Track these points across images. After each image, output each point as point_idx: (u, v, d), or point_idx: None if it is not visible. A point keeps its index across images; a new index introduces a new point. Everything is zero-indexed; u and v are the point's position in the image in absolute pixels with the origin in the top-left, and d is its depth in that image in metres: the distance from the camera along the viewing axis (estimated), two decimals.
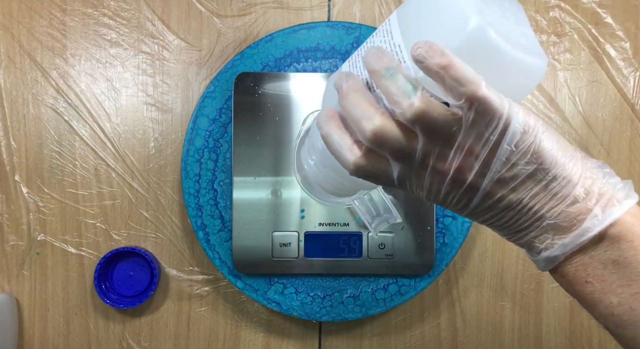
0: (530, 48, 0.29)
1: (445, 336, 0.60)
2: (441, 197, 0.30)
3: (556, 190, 0.28)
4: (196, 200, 0.56)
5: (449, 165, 0.28)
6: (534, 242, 0.30)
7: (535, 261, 0.31)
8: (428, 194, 0.30)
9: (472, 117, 0.26)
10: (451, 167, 0.28)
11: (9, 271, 0.59)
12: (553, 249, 0.29)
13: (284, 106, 0.54)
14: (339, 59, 0.57)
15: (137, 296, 0.58)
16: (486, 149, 0.27)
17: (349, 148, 0.30)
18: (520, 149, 0.27)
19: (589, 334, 0.60)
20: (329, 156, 0.34)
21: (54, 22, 0.59)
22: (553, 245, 0.29)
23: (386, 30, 0.31)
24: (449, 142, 0.28)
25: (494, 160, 0.27)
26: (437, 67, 0.26)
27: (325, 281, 0.57)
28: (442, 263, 0.56)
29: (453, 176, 0.28)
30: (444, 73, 0.26)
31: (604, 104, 0.60)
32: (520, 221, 0.29)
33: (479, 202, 0.29)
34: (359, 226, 0.54)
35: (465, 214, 0.31)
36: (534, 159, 0.27)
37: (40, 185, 0.59)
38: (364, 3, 0.60)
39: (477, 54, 0.27)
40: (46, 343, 0.60)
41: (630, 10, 0.59)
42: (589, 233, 0.28)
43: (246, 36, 0.60)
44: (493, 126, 0.27)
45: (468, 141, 0.27)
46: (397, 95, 0.27)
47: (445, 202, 0.30)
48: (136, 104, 0.60)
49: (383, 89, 0.28)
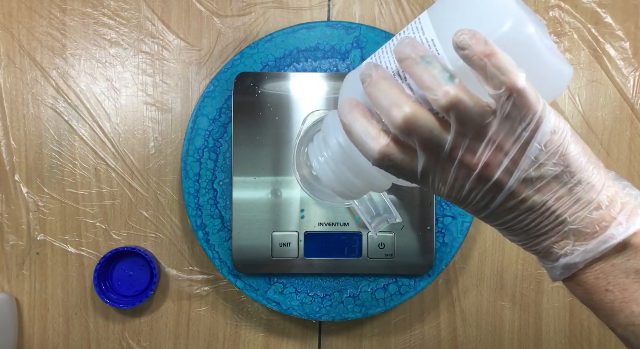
0: (559, 56, 0.30)
1: (445, 336, 0.60)
2: (464, 194, 0.29)
3: (580, 195, 0.28)
4: (196, 200, 0.56)
5: (478, 159, 0.28)
6: (553, 248, 0.29)
7: (551, 268, 0.30)
8: (450, 190, 0.29)
9: (509, 109, 0.26)
10: (480, 161, 0.28)
11: (9, 271, 0.59)
12: (574, 256, 0.28)
13: (284, 106, 0.54)
14: (339, 59, 0.57)
15: (137, 296, 0.58)
16: (517, 145, 0.27)
17: (375, 136, 0.30)
18: (549, 150, 0.27)
19: (589, 334, 0.60)
20: (343, 153, 0.34)
21: (54, 22, 0.59)
22: (574, 251, 0.28)
23: (416, 28, 0.31)
24: (480, 135, 0.27)
25: (522, 158, 0.27)
26: (481, 55, 0.26)
27: (325, 281, 0.57)
28: (442, 263, 0.56)
29: (480, 171, 0.28)
30: (486, 61, 0.26)
31: (604, 104, 0.60)
32: (542, 225, 0.29)
33: (502, 202, 0.29)
34: (359, 226, 0.54)
35: (485, 215, 0.30)
36: (562, 161, 0.27)
37: (40, 185, 0.59)
38: (364, 3, 0.60)
39: (516, 49, 0.27)
40: (46, 343, 0.60)
41: (630, 10, 0.59)
42: (613, 241, 0.27)
43: (246, 36, 0.60)
44: (527, 121, 0.27)
45: (500, 135, 0.27)
46: (433, 82, 0.27)
47: (467, 200, 0.30)
48: (136, 104, 0.60)
49: (417, 76, 0.28)
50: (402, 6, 0.59)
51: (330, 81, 0.55)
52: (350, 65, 0.57)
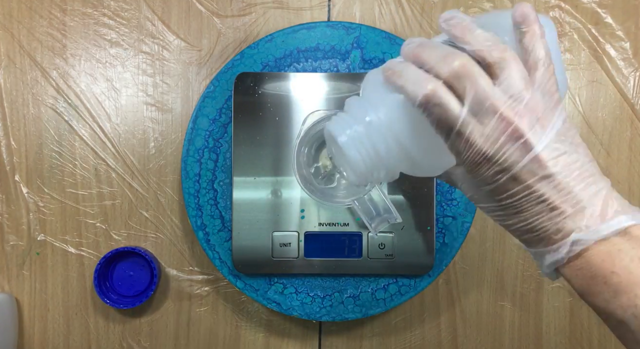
0: (563, 66, 0.36)
1: (445, 336, 0.60)
2: (494, 150, 0.30)
3: (596, 177, 0.31)
4: (196, 200, 0.56)
5: (516, 115, 0.30)
6: (566, 223, 0.30)
7: (556, 248, 0.31)
8: (484, 142, 0.30)
9: (545, 80, 0.30)
10: (515, 118, 0.30)
11: (9, 271, 0.59)
12: (589, 232, 0.30)
13: (284, 106, 0.54)
14: (339, 59, 0.57)
15: (137, 296, 0.58)
16: (548, 113, 0.30)
17: (426, 77, 0.31)
18: (568, 126, 0.31)
19: (589, 334, 0.60)
20: (391, 122, 0.33)
21: (54, 22, 0.59)
22: (589, 228, 0.30)
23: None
24: (520, 95, 0.30)
25: (550, 126, 0.30)
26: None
27: (325, 281, 0.57)
28: (442, 263, 0.56)
29: (515, 126, 0.29)
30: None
31: (604, 104, 0.60)
32: (557, 197, 0.30)
33: (525, 164, 0.30)
34: (359, 226, 0.54)
35: (504, 179, 0.30)
36: (575, 142, 0.30)
37: (40, 185, 0.59)
38: (364, 3, 0.60)
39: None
40: (46, 343, 0.60)
41: (630, 10, 0.59)
42: (626, 223, 0.29)
43: (246, 36, 0.60)
44: (554, 99, 0.31)
45: (535, 100, 0.30)
46: (489, 41, 0.30)
47: (493, 158, 0.30)
48: (136, 104, 0.60)
49: (472, 37, 0.31)
50: (402, 6, 0.59)
51: (330, 81, 0.55)
52: (350, 66, 0.57)
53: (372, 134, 0.34)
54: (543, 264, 0.32)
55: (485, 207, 0.33)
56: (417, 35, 0.59)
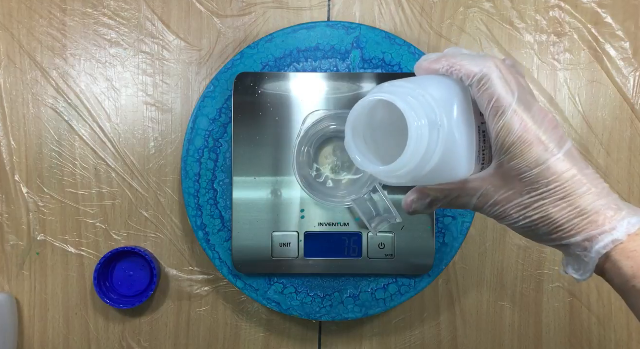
0: None
1: (445, 336, 0.60)
2: (542, 131, 0.31)
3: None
4: (196, 200, 0.56)
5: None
6: (622, 202, 0.31)
7: (611, 228, 0.31)
8: (532, 128, 0.31)
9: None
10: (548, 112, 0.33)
11: (9, 271, 0.59)
12: (633, 220, 0.31)
13: (284, 106, 0.54)
14: (339, 59, 0.57)
15: (137, 296, 0.58)
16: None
17: (482, 59, 0.32)
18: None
19: (589, 334, 0.60)
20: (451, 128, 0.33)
21: (54, 22, 0.59)
22: (635, 214, 0.31)
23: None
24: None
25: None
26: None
27: (325, 281, 0.57)
28: (442, 263, 0.56)
29: (552, 116, 0.32)
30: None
31: (604, 104, 0.60)
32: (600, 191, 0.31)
33: (570, 147, 0.32)
34: (359, 226, 0.54)
35: (551, 162, 0.31)
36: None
37: (40, 185, 0.59)
38: (364, 3, 0.60)
39: None
40: (46, 343, 0.60)
41: (630, 10, 0.59)
42: None
43: (246, 36, 0.60)
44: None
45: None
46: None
47: (543, 138, 0.31)
48: (136, 104, 0.60)
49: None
50: (402, 6, 0.59)
51: (330, 81, 0.55)
52: (350, 66, 0.57)
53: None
54: (591, 250, 0.31)
55: (511, 209, 0.33)
56: (417, 36, 0.59)
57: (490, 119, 0.32)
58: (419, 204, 0.36)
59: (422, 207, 0.36)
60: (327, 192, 0.52)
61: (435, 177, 0.34)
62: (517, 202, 0.32)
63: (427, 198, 0.36)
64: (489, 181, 0.33)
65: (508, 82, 0.31)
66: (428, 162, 0.32)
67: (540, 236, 0.33)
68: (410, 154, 0.32)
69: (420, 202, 0.36)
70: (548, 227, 0.32)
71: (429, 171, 0.33)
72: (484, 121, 0.34)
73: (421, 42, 0.59)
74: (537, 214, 0.32)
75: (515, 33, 0.59)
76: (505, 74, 0.32)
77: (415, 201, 0.36)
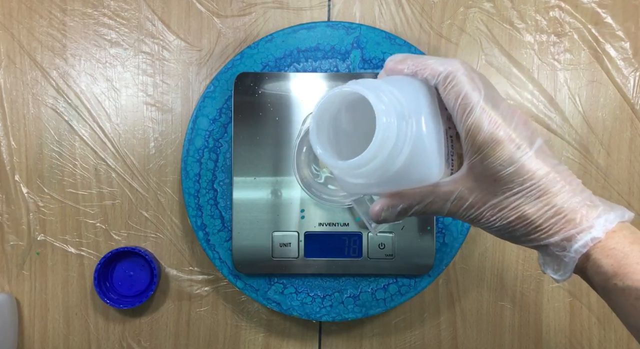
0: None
1: (445, 336, 0.60)
2: (512, 128, 0.31)
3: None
4: (196, 200, 0.56)
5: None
6: (599, 201, 0.31)
7: (588, 227, 0.30)
8: (501, 123, 0.31)
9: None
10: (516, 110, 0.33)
11: (9, 271, 0.59)
12: (611, 215, 0.31)
13: (284, 106, 0.54)
14: (339, 59, 0.57)
15: (137, 296, 0.58)
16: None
17: (447, 61, 0.32)
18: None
19: (589, 334, 0.60)
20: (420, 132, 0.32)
21: (54, 22, 0.59)
22: (611, 210, 0.31)
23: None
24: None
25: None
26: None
27: (325, 281, 0.57)
28: (442, 263, 0.56)
29: (521, 113, 0.32)
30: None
31: (604, 104, 0.60)
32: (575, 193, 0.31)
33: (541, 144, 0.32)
34: (359, 226, 0.54)
35: (525, 160, 0.31)
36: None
37: (40, 185, 0.59)
38: (364, 3, 0.60)
39: None
40: (46, 343, 0.60)
41: (630, 10, 0.59)
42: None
43: (246, 36, 0.60)
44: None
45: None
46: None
47: (513, 135, 0.31)
48: (136, 104, 0.60)
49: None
50: (402, 6, 0.59)
51: (330, 81, 0.55)
52: (350, 66, 0.57)
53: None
54: (570, 250, 0.31)
55: (486, 211, 0.32)
56: (417, 36, 0.59)
57: (458, 117, 0.31)
58: (389, 212, 0.34)
59: (391, 215, 0.34)
60: (327, 192, 0.52)
61: (405, 179, 0.33)
62: (493, 203, 0.32)
63: (398, 205, 0.34)
64: (462, 183, 0.32)
65: (473, 80, 0.31)
66: (397, 157, 0.31)
67: (518, 237, 0.33)
68: (378, 144, 0.30)
69: (390, 210, 0.34)
70: (526, 228, 0.32)
71: (398, 168, 0.31)
72: (450, 126, 0.33)
73: (421, 42, 0.59)
74: (514, 214, 0.31)
75: (515, 33, 0.59)
76: (470, 72, 0.31)
77: (385, 209, 0.34)
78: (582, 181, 0.33)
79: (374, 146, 0.30)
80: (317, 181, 0.52)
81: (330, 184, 0.53)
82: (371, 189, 0.34)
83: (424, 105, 0.32)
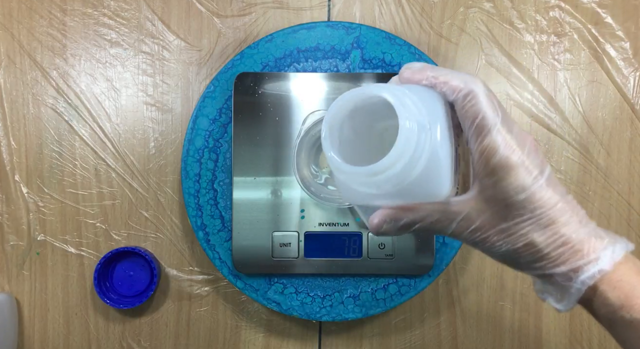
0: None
1: (445, 336, 0.60)
2: (525, 153, 0.31)
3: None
4: (196, 200, 0.56)
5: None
6: (591, 242, 0.31)
7: (596, 258, 0.30)
8: (515, 149, 0.31)
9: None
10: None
11: (9, 271, 0.59)
12: (616, 247, 0.30)
13: (284, 106, 0.54)
14: (339, 59, 0.57)
15: (137, 296, 0.58)
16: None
17: (469, 77, 0.32)
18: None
19: (589, 334, 0.60)
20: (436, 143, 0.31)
21: (54, 22, 0.59)
22: (615, 242, 0.31)
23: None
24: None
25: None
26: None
27: (325, 281, 0.57)
28: (442, 263, 0.56)
29: (533, 139, 0.32)
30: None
31: (604, 104, 0.60)
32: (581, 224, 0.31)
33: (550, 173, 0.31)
34: (359, 226, 0.54)
35: (537, 187, 0.30)
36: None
37: (40, 185, 0.59)
38: (364, 3, 0.60)
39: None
40: (46, 343, 0.60)
41: (630, 10, 0.59)
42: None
43: (246, 36, 0.60)
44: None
45: None
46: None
47: (526, 162, 0.31)
48: (136, 104, 0.60)
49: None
50: (402, 6, 0.59)
51: (330, 81, 0.55)
52: (350, 66, 0.57)
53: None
54: (576, 281, 0.30)
55: (493, 235, 0.31)
56: (417, 36, 0.59)
57: (473, 138, 0.30)
58: (391, 226, 0.33)
59: (393, 228, 0.33)
60: (327, 192, 0.52)
61: (416, 192, 0.31)
62: (502, 228, 0.31)
63: (402, 219, 0.33)
64: (471, 205, 0.31)
65: (493, 101, 0.30)
66: (414, 167, 0.30)
67: (520, 264, 0.32)
68: (398, 153, 0.29)
69: (393, 224, 0.33)
70: (533, 256, 0.31)
71: (413, 179, 0.30)
72: (459, 144, 0.33)
73: (421, 42, 0.59)
74: (522, 241, 0.31)
75: (515, 33, 0.59)
76: (489, 93, 0.31)
77: (388, 222, 0.33)
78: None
79: (395, 151, 0.29)
80: (317, 182, 0.52)
81: (330, 184, 0.53)
82: (377, 201, 0.33)
83: (441, 118, 0.31)
